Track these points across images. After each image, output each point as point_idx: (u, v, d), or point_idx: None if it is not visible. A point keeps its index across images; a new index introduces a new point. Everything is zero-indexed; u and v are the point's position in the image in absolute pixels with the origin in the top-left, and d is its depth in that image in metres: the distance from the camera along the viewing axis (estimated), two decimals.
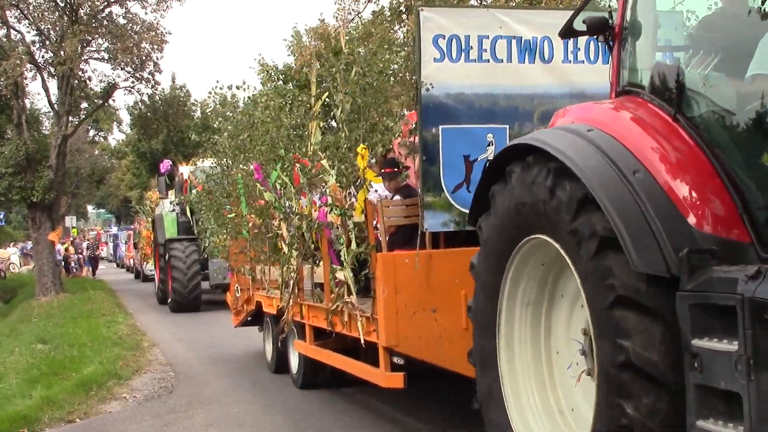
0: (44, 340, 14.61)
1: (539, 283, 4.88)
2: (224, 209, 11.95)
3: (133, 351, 13.44)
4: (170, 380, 11.12)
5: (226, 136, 11.63)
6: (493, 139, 6.77)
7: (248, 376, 11.06)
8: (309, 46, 30.24)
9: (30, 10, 24.74)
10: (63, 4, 24.66)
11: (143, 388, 10.59)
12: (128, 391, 10.39)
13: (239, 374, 11.25)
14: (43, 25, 24.84)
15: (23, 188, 24.26)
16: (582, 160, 4.08)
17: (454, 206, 6.71)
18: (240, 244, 11.58)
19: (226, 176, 11.91)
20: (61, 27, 24.32)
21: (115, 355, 12.73)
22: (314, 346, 8.91)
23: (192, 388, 10.53)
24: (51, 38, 24.98)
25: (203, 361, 12.72)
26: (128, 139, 53.86)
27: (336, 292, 7.69)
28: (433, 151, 6.69)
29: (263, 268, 10.67)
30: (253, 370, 11.41)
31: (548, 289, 4.88)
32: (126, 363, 12.18)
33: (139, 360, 12.73)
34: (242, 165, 10.99)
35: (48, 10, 24.68)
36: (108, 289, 28.31)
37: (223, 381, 10.91)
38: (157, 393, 10.32)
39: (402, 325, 6.57)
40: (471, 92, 6.77)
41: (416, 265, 6.52)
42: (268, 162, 9.59)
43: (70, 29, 23.72)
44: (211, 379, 11.11)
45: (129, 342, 14.48)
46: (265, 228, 10.20)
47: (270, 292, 10.41)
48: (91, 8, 24.80)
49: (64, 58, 23.44)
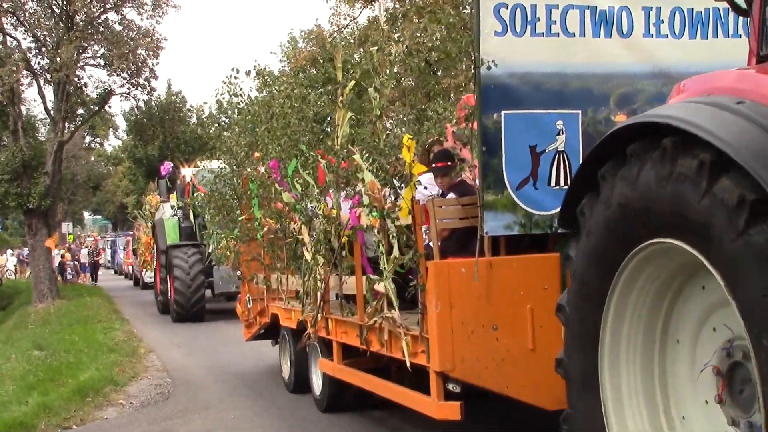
0: (41, 347, 14.55)
1: (658, 293, 3.88)
2: (235, 212, 10.96)
3: (129, 357, 13.39)
4: (167, 386, 10.96)
5: (237, 131, 10.60)
6: (563, 126, 5.80)
7: (244, 382, 10.90)
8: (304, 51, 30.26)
9: (26, 17, 24.77)
10: (59, 11, 24.72)
11: (140, 395, 10.47)
12: (125, 398, 10.25)
13: (236, 380, 11.08)
14: (39, 31, 24.88)
15: (19, 195, 24.16)
16: (745, 144, 3.06)
17: (518, 205, 5.75)
18: (253, 251, 10.46)
19: (236, 175, 10.75)
20: (57, 33, 24.33)
21: (112, 361, 12.58)
22: (344, 366, 7.79)
23: (188, 394, 10.40)
24: (47, 45, 24.95)
25: (200, 367, 12.51)
26: (124, 146, 53.77)
27: (374, 306, 6.61)
28: (494, 140, 5.69)
29: (280, 277, 9.46)
30: (248, 376, 11.26)
31: (667, 302, 3.90)
32: (122, 369, 12.00)
33: (135, 366, 12.56)
34: (255, 163, 9.92)
35: (44, 17, 24.73)
36: (105, 296, 28.25)
37: (219, 387, 10.75)
38: (154, 399, 10.21)
39: (458, 346, 5.56)
40: (538, 71, 5.76)
41: (475, 275, 5.51)
42: (288, 159, 8.59)
43: (66, 36, 23.75)
44: (207, 385, 10.95)
45: (125, 348, 14.42)
46: (282, 233, 9.19)
47: (289, 304, 9.25)
48: (87, 15, 24.85)
49: (60, 64, 23.43)
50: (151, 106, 29.47)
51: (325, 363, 8.23)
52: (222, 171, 11.53)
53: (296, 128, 8.44)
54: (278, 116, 8.90)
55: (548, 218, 5.76)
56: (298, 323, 8.76)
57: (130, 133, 41.25)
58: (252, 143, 9.94)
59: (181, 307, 18.79)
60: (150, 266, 25.84)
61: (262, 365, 11.74)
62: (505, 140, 5.71)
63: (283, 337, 9.99)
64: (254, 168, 9.89)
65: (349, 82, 7.37)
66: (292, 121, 8.53)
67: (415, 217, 5.97)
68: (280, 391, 10.04)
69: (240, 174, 10.54)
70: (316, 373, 8.84)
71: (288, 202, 8.63)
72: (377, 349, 6.76)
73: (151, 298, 24.07)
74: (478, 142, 5.74)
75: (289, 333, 9.60)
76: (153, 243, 23.48)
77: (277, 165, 8.89)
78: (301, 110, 8.55)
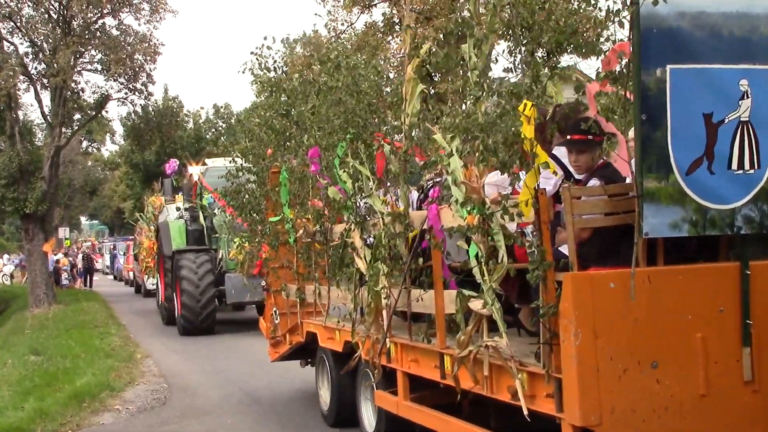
0: (37, 352, 14.51)
1: None
2: (260, 212, 9.32)
3: (126, 362, 13.34)
4: (163, 392, 10.91)
5: (269, 115, 8.79)
6: (748, 87, 4.30)
7: (241, 387, 10.83)
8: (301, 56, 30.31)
9: (23, 22, 24.70)
10: (56, 16, 24.66)
11: (136, 400, 10.40)
12: (121, 403, 10.20)
13: (232, 385, 11.04)
14: (36, 36, 24.82)
15: (16, 200, 24.05)
16: None
17: (688, 196, 4.26)
18: (282, 257, 8.94)
19: (263, 169, 8.96)
20: (54, 39, 24.27)
21: (108, 366, 12.55)
22: (411, 403, 6.20)
23: (185, 400, 10.34)
24: (44, 50, 24.90)
25: (196, 372, 12.45)
26: (121, 150, 53.90)
27: (468, 331, 5.04)
28: (657, 105, 4.20)
29: (318, 289, 7.98)
30: (245, 382, 11.19)
31: None
32: (119, 374, 11.99)
33: (132, 371, 12.53)
34: (270, 159, 8.72)
35: (41, 22, 24.68)
36: (101, 301, 28.19)
37: (216, 392, 10.71)
38: (150, 404, 10.14)
39: (606, 391, 4.10)
40: (716, 11, 4.30)
41: (632, 292, 4.14)
42: (332, 147, 7.10)
43: (63, 41, 23.72)
44: (204, 391, 10.90)
45: (122, 353, 14.39)
46: (322, 236, 7.74)
47: (331, 321, 7.66)
48: (84, 20, 24.77)
49: (57, 69, 23.38)
50: (148, 111, 29.43)
51: (384, 397, 6.64)
52: (243, 163, 9.41)
53: (350, 106, 6.88)
54: (323, 92, 7.35)
55: (728, 214, 4.35)
56: (345, 345, 7.29)
57: (127, 138, 41.29)
58: (285, 128, 8.47)
59: (189, 320, 16.85)
60: (153, 272, 23.97)
61: (259, 371, 11.70)
62: (671, 105, 4.23)
63: (322, 360, 8.37)
64: (285, 159, 8.43)
65: (423, 45, 6.00)
66: (344, 97, 6.98)
67: (541, 211, 4.42)
68: (278, 397, 10.01)
69: (268, 167, 8.87)
70: (367, 406, 7.36)
71: (334, 198, 7.18)
72: (470, 387, 5.18)
73: (153, 307, 23.08)
74: (635, 109, 4.25)
75: (331, 355, 7.99)
76: (156, 248, 21.81)
77: (318, 154, 7.37)
78: (354, 84, 6.96)
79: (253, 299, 16.34)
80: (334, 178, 7.11)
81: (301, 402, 9.48)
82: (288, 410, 9.23)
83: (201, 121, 48.41)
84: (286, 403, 9.59)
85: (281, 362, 9.94)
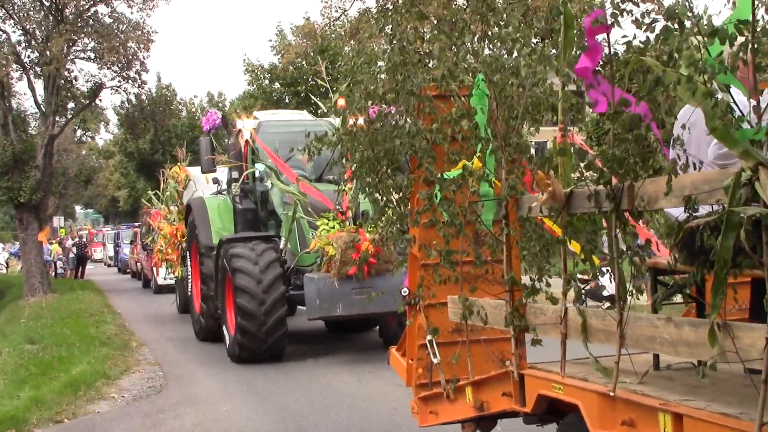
0: (32, 341, 14.44)
1: None
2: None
3: (121, 351, 13.32)
4: (159, 380, 10.89)
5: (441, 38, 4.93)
6: None
7: (237, 376, 10.79)
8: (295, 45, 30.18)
9: (15, 10, 24.58)
10: (48, 4, 24.51)
11: (132, 388, 10.38)
12: (117, 391, 10.19)
13: (228, 373, 11.06)
14: (28, 24, 24.71)
15: (10, 189, 23.95)
16: None
17: None
18: (441, 248, 4.86)
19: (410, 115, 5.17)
20: (47, 27, 24.17)
21: (104, 354, 12.49)
22: None
23: (180, 388, 10.32)
24: (36, 38, 24.79)
25: (192, 361, 12.40)
26: (115, 139, 53.74)
27: None
28: None
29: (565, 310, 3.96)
30: (240, 369, 11.21)
31: None
32: (114, 363, 11.94)
33: (127, 360, 12.49)
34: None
35: (33, 10, 24.57)
36: (96, 289, 28.14)
37: (211, 380, 10.73)
38: (146, 393, 10.12)
39: None
40: None
41: None
42: None
43: (56, 29, 23.60)
44: (199, 379, 10.88)
45: (117, 342, 14.36)
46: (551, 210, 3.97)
47: (609, 378, 3.63)
48: (77, 8, 24.64)
49: (50, 57, 23.25)
50: (142, 99, 29.36)
51: None
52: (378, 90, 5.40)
53: None
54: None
55: None
56: None
57: (121, 127, 41.17)
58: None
59: (250, 336, 11.13)
60: (175, 267, 17.58)
61: (254, 360, 11.68)
62: None
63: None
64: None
65: None
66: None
67: None
68: (273, 385, 10.01)
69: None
70: None
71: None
72: None
73: (168, 305, 19.39)
74: None
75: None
76: (187, 236, 15.43)
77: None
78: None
79: (349, 312, 10.85)
80: None
81: (296, 392, 9.48)
82: (284, 400, 9.22)
83: (194, 109, 48.28)
84: (283, 393, 9.59)
85: None
